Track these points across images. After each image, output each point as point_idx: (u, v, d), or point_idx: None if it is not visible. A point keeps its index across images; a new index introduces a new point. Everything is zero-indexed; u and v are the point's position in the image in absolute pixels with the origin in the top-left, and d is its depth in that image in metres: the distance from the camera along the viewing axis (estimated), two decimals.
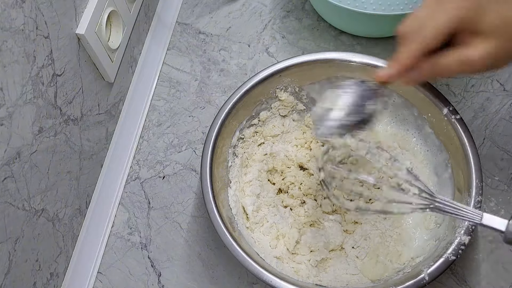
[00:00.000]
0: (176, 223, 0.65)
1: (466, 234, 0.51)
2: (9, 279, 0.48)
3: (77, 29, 0.55)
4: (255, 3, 0.79)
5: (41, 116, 0.50)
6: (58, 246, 0.58)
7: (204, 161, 0.57)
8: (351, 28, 0.73)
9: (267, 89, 0.63)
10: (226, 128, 0.60)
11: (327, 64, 0.62)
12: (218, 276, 0.62)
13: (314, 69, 0.62)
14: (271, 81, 0.62)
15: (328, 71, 0.63)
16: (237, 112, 0.61)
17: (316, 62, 0.62)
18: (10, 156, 0.46)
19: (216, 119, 0.60)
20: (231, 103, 0.60)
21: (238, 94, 0.61)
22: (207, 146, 0.58)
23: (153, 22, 0.77)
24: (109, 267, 0.63)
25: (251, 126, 0.65)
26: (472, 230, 0.51)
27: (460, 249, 0.50)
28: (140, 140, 0.71)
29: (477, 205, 0.52)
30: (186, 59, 0.76)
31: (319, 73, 0.63)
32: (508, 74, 0.70)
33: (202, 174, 0.57)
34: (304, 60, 0.62)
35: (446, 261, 0.50)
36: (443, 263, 0.50)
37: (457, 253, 0.50)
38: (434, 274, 0.50)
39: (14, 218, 0.48)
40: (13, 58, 0.45)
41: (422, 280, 0.49)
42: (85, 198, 0.63)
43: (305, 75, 0.63)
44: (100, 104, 0.63)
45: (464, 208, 0.46)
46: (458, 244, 0.50)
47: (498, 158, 0.65)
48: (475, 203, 0.52)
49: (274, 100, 0.65)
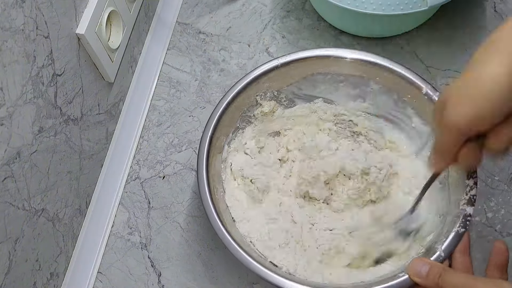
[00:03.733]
0: (176, 223, 0.65)
1: (469, 205, 0.52)
2: (9, 279, 0.48)
3: (77, 29, 0.55)
4: (255, 3, 0.79)
5: (41, 116, 0.50)
6: (58, 246, 0.58)
7: (201, 183, 0.56)
8: (351, 28, 0.73)
9: (248, 98, 0.63)
10: (215, 146, 0.60)
11: (306, 63, 0.62)
12: (218, 276, 0.62)
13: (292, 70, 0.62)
14: (251, 88, 0.62)
15: (307, 70, 0.63)
16: (222, 127, 0.60)
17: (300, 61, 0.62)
18: (10, 156, 0.46)
19: (203, 136, 0.59)
20: (215, 119, 0.59)
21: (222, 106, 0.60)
22: (201, 171, 0.57)
23: (153, 22, 0.77)
24: (109, 267, 0.64)
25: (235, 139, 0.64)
26: (474, 200, 0.52)
27: (467, 220, 0.51)
28: (140, 140, 0.71)
29: (473, 175, 0.53)
30: (186, 59, 0.76)
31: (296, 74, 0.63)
32: None
33: (201, 192, 0.56)
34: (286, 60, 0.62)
35: (457, 235, 0.51)
36: (455, 237, 0.51)
37: (465, 225, 0.51)
38: (449, 250, 0.51)
39: (14, 218, 0.48)
40: (13, 58, 0.45)
41: (439, 258, 0.51)
42: (85, 198, 0.63)
43: (284, 77, 0.63)
44: (100, 104, 0.63)
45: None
46: (465, 216, 0.52)
47: (498, 158, 0.65)
48: (471, 173, 0.53)
49: (255, 107, 0.64)
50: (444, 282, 0.47)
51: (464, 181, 0.53)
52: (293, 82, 0.63)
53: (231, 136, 0.63)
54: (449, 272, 0.48)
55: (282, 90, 0.64)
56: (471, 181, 0.53)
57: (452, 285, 0.47)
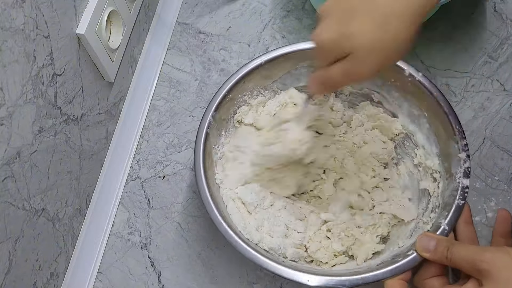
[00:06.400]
0: (176, 223, 0.65)
1: (465, 177, 0.53)
2: (9, 278, 0.48)
3: (77, 29, 0.55)
4: (255, 3, 0.79)
5: (41, 116, 0.50)
6: (58, 246, 0.58)
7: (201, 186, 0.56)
8: None
9: (235, 99, 0.63)
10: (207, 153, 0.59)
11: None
12: (218, 276, 0.62)
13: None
14: (237, 89, 0.62)
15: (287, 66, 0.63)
16: (211, 133, 0.60)
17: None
18: (10, 156, 0.46)
19: (197, 142, 0.58)
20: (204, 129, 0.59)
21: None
22: (199, 177, 0.57)
23: (153, 22, 0.77)
24: (109, 267, 0.64)
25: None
26: (469, 172, 0.53)
27: (465, 192, 0.53)
28: (140, 140, 0.71)
29: (465, 148, 0.54)
30: (186, 59, 0.76)
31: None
32: (508, 74, 0.70)
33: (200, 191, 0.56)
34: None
35: (458, 207, 0.52)
36: (456, 210, 0.52)
37: (464, 196, 0.53)
38: (452, 223, 0.52)
39: (14, 217, 0.48)
40: (13, 58, 0.45)
41: (444, 232, 0.52)
42: (85, 198, 0.63)
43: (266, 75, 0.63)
44: (100, 104, 0.63)
45: None
46: (462, 188, 0.53)
47: (498, 158, 0.65)
48: (463, 146, 0.54)
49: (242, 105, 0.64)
50: (453, 254, 0.48)
51: (457, 155, 0.54)
52: (277, 79, 0.64)
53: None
54: (457, 244, 0.49)
55: (267, 86, 0.64)
56: (463, 154, 0.54)
57: (461, 257, 0.48)
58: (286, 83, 0.64)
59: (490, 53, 0.71)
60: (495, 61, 0.70)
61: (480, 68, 0.70)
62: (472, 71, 0.70)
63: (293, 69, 0.63)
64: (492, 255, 0.46)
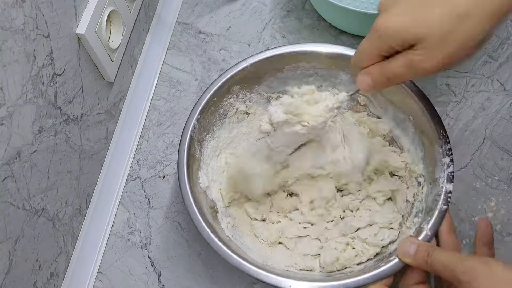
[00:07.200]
0: (176, 223, 0.65)
1: (448, 182, 0.53)
2: (9, 278, 0.48)
3: (77, 28, 0.55)
4: (255, 2, 0.79)
5: (41, 116, 0.50)
6: (58, 246, 0.58)
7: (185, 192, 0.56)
8: (351, 28, 0.73)
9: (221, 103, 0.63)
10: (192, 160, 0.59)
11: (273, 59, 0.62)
12: (218, 276, 0.62)
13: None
14: (222, 92, 0.62)
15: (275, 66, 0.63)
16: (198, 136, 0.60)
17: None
18: (10, 156, 0.46)
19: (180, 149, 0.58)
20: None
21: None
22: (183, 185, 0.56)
23: (153, 22, 0.77)
24: (109, 267, 0.64)
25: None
26: (452, 177, 0.53)
27: (448, 197, 0.53)
28: (140, 140, 0.71)
29: (449, 153, 0.54)
30: (186, 58, 0.76)
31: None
32: (508, 74, 0.70)
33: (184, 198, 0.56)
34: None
35: (440, 212, 0.52)
36: (438, 215, 0.52)
37: (447, 201, 0.53)
38: (434, 228, 0.52)
39: (14, 217, 0.48)
40: (13, 58, 0.45)
41: (426, 237, 0.51)
42: (85, 197, 0.63)
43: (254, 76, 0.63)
44: (100, 103, 0.63)
45: None
46: (445, 193, 0.53)
47: (498, 158, 0.65)
48: (446, 151, 0.54)
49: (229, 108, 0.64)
50: (433, 260, 0.47)
51: (440, 160, 0.54)
52: (263, 82, 0.64)
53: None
54: (438, 250, 0.49)
55: (253, 90, 0.64)
56: (447, 158, 0.54)
57: (441, 262, 0.47)
58: (272, 86, 0.64)
59: (490, 53, 0.71)
60: (495, 61, 0.70)
61: (480, 68, 0.70)
62: (472, 71, 0.70)
63: (279, 72, 0.63)
64: (473, 266, 0.44)
